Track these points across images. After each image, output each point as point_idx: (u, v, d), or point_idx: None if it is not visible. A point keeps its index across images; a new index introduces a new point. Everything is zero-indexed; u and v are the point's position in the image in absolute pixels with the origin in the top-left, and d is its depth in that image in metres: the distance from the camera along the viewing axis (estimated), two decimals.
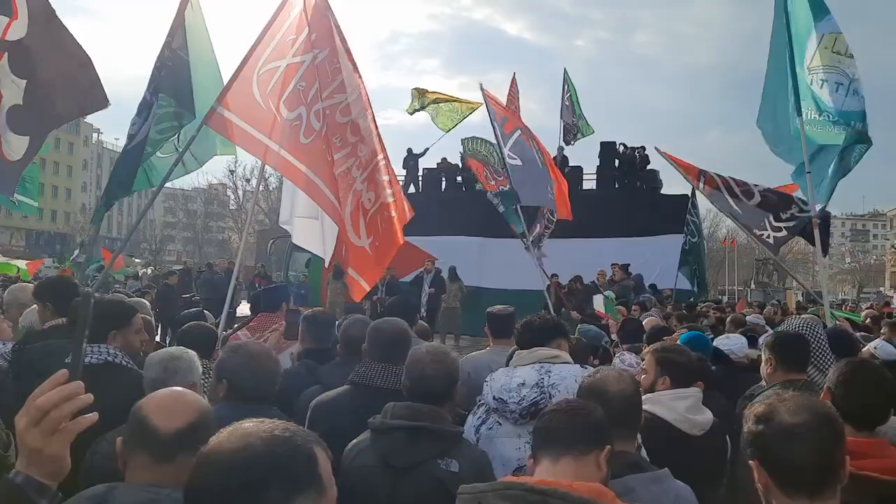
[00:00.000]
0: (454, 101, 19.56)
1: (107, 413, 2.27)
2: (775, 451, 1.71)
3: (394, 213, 5.51)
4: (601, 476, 1.87)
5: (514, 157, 8.98)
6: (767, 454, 1.73)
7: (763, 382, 3.86)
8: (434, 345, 2.90)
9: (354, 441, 2.59)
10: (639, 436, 2.56)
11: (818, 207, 6.60)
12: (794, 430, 1.70)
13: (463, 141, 20.71)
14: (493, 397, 2.94)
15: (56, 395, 1.35)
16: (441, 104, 19.40)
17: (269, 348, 3.21)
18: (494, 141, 9.70)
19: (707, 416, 3.31)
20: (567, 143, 21.79)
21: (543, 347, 3.10)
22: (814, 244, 6.71)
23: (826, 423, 1.73)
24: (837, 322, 6.26)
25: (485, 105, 9.43)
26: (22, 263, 18.62)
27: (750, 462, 1.77)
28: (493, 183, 10.87)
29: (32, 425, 1.33)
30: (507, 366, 3.62)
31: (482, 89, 9.54)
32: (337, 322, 4.41)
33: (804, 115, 6.33)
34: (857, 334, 6.04)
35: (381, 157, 5.45)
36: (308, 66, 5.16)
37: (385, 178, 5.50)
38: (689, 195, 15.94)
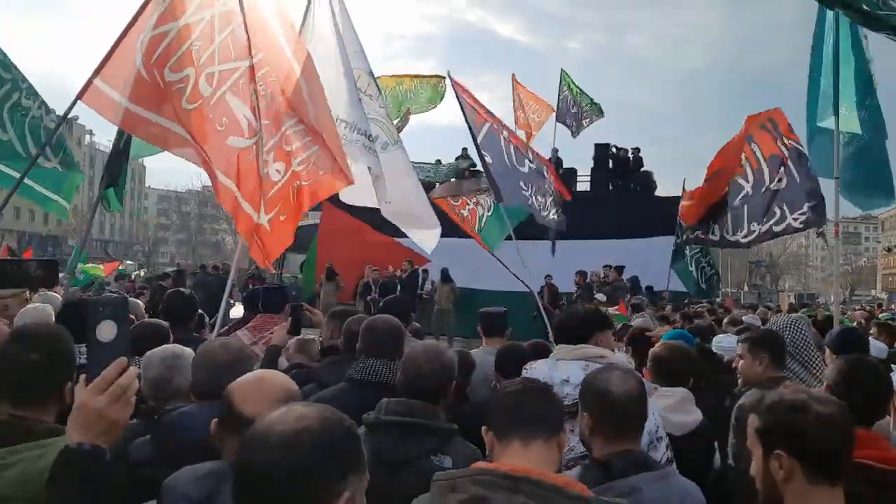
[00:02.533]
0: (417, 79, 18.96)
1: None
2: (812, 439, 1.79)
3: (305, 182, 5.09)
4: (558, 459, 1.92)
5: (486, 153, 8.71)
6: (802, 442, 1.80)
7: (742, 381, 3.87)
8: (431, 343, 2.90)
9: None
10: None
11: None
12: (831, 419, 1.81)
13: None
14: None
15: (131, 374, 1.59)
16: (406, 89, 18.77)
17: (231, 343, 3.12)
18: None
19: (692, 417, 3.31)
20: (575, 135, 21.64)
21: (587, 344, 2.99)
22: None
23: (848, 413, 1.86)
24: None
25: (455, 96, 8.96)
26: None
27: (776, 451, 1.82)
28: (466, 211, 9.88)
29: (114, 401, 1.56)
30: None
31: (449, 77, 9.24)
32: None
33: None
34: None
35: (292, 122, 5.02)
36: (207, 24, 4.77)
37: (294, 146, 5.03)
38: (681, 197, 16.01)
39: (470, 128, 8.66)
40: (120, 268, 21.90)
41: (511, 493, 1.59)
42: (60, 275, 6.17)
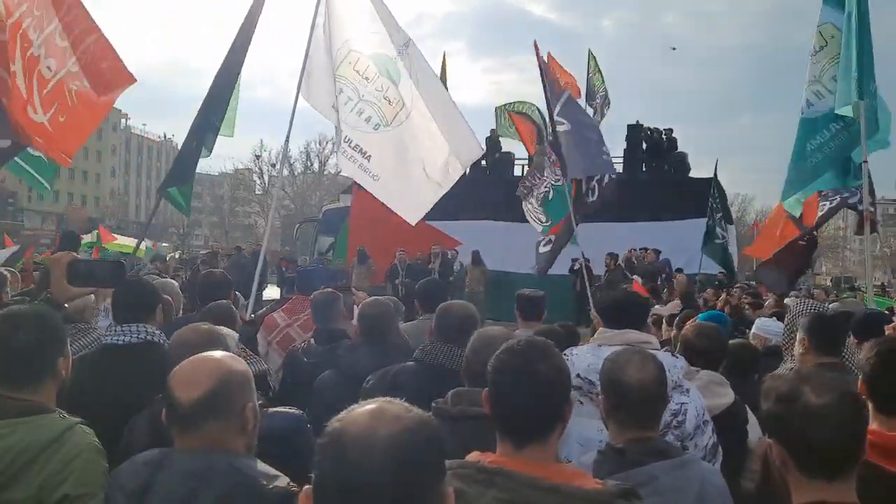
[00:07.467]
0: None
1: (146, 390, 2.31)
2: (797, 433, 1.64)
3: (86, 84, 4.75)
4: (555, 446, 1.83)
5: (563, 121, 8.65)
6: (788, 435, 1.66)
7: (786, 365, 3.77)
8: (506, 329, 2.79)
9: None
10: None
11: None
12: (819, 411, 1.62)
13: (498, 109, 20.46)
14: (578, 375, 2.69)
15: None
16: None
17: (201, 325, 3.05)
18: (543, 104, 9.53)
19: (721, 400, 3.19)
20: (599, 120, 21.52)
21: (633, 330, 2.89)
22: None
23: (850, 404, 1.66)
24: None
25: (538, 63, 9.02)
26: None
27: (768, 439, 1.73)
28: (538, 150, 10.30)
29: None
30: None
31: (535, 47, 9.23)
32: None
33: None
34: None
35: (59, 18, 4.59)
36: None
37: (65, 44, 4.63)
38: (713, 178, 15.81)
39: (548, 98, 8.78)
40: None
41: (485, 486, 1.59)
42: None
